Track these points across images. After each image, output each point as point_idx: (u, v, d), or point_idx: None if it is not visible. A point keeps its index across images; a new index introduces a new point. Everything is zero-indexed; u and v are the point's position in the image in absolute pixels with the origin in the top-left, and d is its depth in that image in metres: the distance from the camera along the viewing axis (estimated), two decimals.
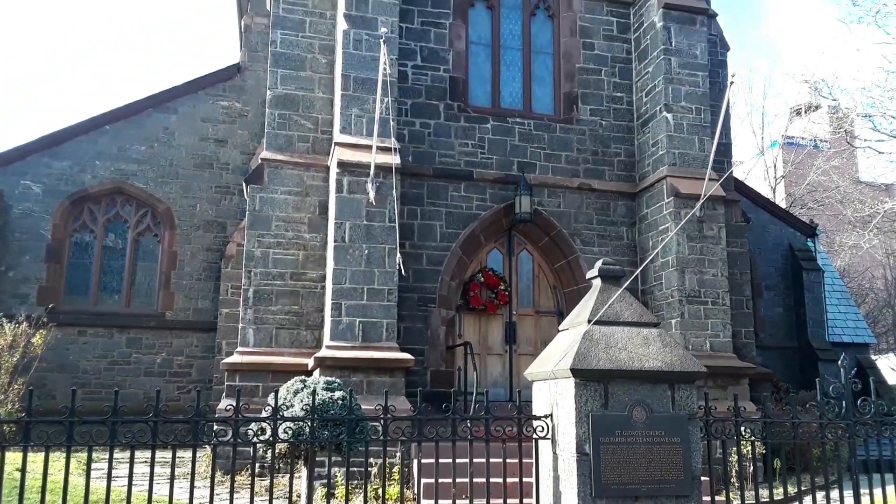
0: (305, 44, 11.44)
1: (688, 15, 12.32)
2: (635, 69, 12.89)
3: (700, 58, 12.26)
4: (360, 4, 10.84)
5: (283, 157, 11.04)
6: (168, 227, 13.79)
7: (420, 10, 12.01)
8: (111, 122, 13.67)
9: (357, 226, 10.11)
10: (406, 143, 11.40)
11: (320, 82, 11.40)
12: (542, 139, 12.30)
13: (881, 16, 13.76)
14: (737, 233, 12.74)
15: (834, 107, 20.44)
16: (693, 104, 12.05)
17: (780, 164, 30.27)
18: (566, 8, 12.86)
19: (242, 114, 14.26)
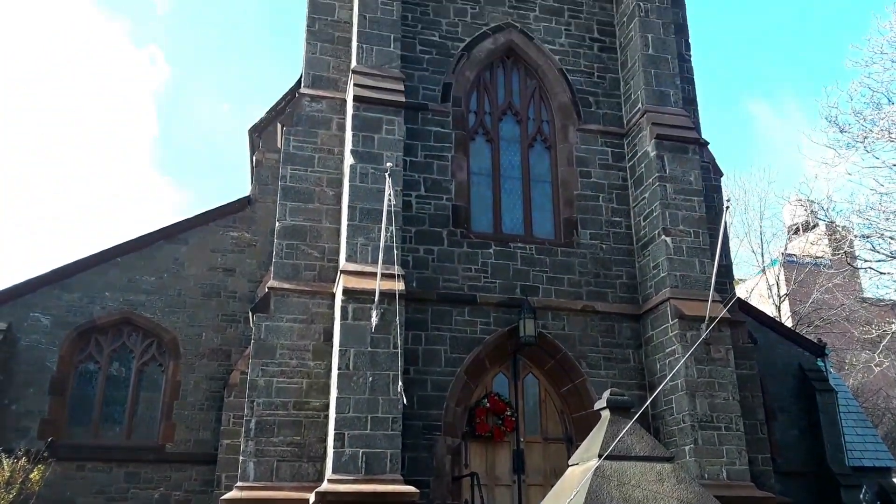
0: (314, 178, 11.92)
1: (679, 144, 12.86)
2: (632, 195, 13.30)
3: (694, 184, 12.67)
4: (366, 141, 11.40)
5: (290, 285, 11.21)
6: (173, 357, 13.78)
7: (423, 145, 12.58)
8: (122, 254, 14.02)
9: (361, 353, 10.10)
10: (410, 269, 11.60)
11: (327, 213, 11.78)
12: (545, 262, 12.51)
13: (869, 141, 14.32)
14: (745, 354, 12.63)
15: (831, 228, 20.85)
16: (691, 227, 12.33)
17: (783, 282, 30.43)
18: (562, 140, 13.47)
19: (251, 243, 14.62)
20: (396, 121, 11.68)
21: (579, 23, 14.28)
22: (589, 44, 14.23)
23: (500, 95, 13.71)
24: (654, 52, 13.57)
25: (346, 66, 12.45)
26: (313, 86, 12.46)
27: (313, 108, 12.29)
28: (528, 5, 14.09)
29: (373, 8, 12.40)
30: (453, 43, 13.40)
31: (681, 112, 13.29)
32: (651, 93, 13.26)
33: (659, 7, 13.96)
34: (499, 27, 13.76)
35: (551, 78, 13.76)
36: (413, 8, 13.29)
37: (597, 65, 14.10)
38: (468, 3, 13.73)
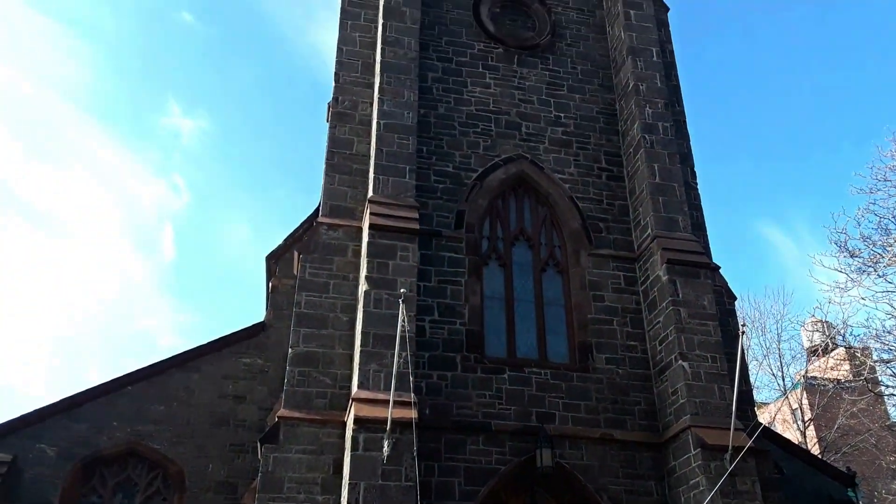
0: (328, 304, 11.99)
1: (691, 269, 12.93)
2: (646, 319, 13.23)
3: (708, 308, 12.62)
4: (381, 268, 11.56)
5: (300, 414, 11.00)
6: (178, 490, 13.28)
7: (437, 270, 12.73)
8: (133, 382, 13.87)
9: (372, 486, 9.74)
10: (423, 396, 11.39)
11: (341, 339, 11.75)
12: (560, 388, 12.27)
13: (881, 266, 14.36)
14: (772, 485, 12.05)
15: (850, 352, 20.48)
16: (708, 352, 12.15)
17: (807, 406, 29.53)
18: (574, 264, 13.61)
19: (263, 370, 14.46)
20: (411, 247, 11.90)
21: (587, 153, 14.81)
22: (597, 173, 14.68)
23: (513, 222, 14.01)
24: (661, 180, 13.95)
25: (363, 195, 12.85)
26: (331, 214, 12.81)
27: (330, 236, 12.57)
28: (538, 138, 14.68)
29: (389, 142, 12.97)
30: (466, 173, 13.88)
31: (690, 237, 13.47)
32: (660, 219, 13.50)
33: (664, 139, 14.49)
34: (510, 158, 14.28)
35: (562, 205, 14.10)
36: (428, 141, 13.87)
37: (605, 192, 14.48)
38: (481, 136, 14.34)
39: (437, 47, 15.11)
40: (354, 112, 13.98)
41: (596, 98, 15.59)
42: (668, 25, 17.33)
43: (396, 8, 14.58)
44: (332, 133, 13.69)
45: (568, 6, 16.71)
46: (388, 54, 14.00)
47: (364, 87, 14.26)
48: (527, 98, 15.07)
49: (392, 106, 13.40)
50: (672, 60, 16.78)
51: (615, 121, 15.39)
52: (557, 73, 15.60)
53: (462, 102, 14.61)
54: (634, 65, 15.28)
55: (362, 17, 15.08)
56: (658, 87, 15.16)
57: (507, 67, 15.32)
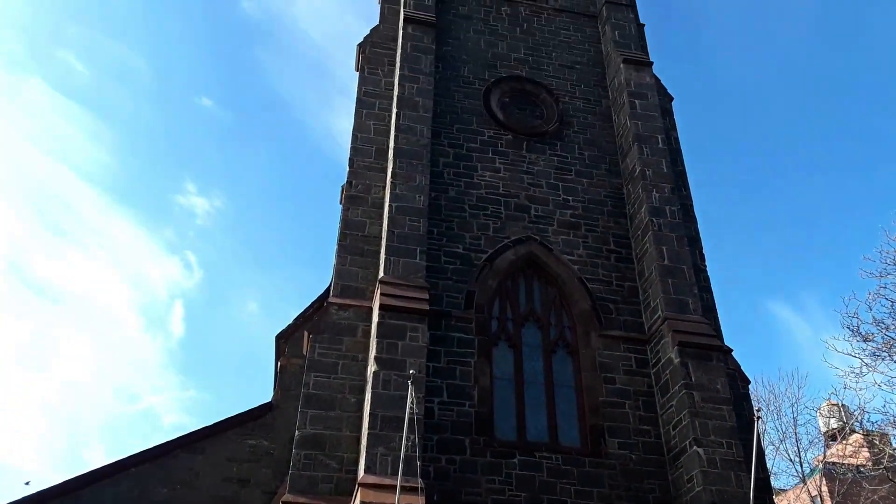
0: (337, 384, 11.93)
1: (703, 352, 12.82)
2: (659, 402, 13.03)
3: (722, 392, 12.42)
4: (390, 348, 11.56)
5: (305, 499, 10.76)
6: None
7: (446, 350, 12.69)
8: (138, 464, 13.65)
9: None
10: (431, 481, 11.11)
11: (348, 421, 11.61)
12: (572, 474, 11.97)
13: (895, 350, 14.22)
14: None
15: (868, 438, 19.97)
16: (723, 438, 11.88)
17: (826, 493, 28.47)
18: (585, 346, 13.54)
19: (269, 451, 14.23)
20: (420, 328, 11.92)
21: (596, 235, 14.99)
22: (606, 254, 14.81)
23: (522, 302, 14.05)
24: (670, 262, 14.04)
25: (374, 276, 12.99)
26: (342, 295, 12.92)
27: (340, 316, 12.64)
28: (547, 220, 14.92)
29: (401, 224, 13.21)
30: (476, 254, 14.05)
31: (701, 320, 13.43)
32: (670, 301, 13.51)
33: (671, 222, 14.67)
34: (519, 240, 14.48)
35: (571, 286, 14.16)
36: (439, 223, 14.13)
37: (615, 274, 14.56)
38: (490, 218, 14.60)
39: (449, 134, 15.60)
40: (367, 195, 14.33)
41: (603, 182, 15.91)
42: (672, 114, 17.87)
43: (410, 98, 15.16)
44: (346, 215, 13.99)
45: (574, 96, 17.30)
46: (402, 141, 14.45)
47: (377, 171, 14.67)
48: (536, 182, 15.42)
49: (404, 189, 13.73)
50: (677, 147, 17.21)
51: (623, 204, 15.66)
52: (565, 159, 16.00)
53: (472, 186, 14.96)
54: (641, 151, 15.66)
55: (377, 106, 15.69)
56: (664, 173, 15.47)
57: (517, 153, 15.74)
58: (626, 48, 17.77)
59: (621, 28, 18.32)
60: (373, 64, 16.46)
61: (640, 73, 17.16)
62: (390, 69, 16.28)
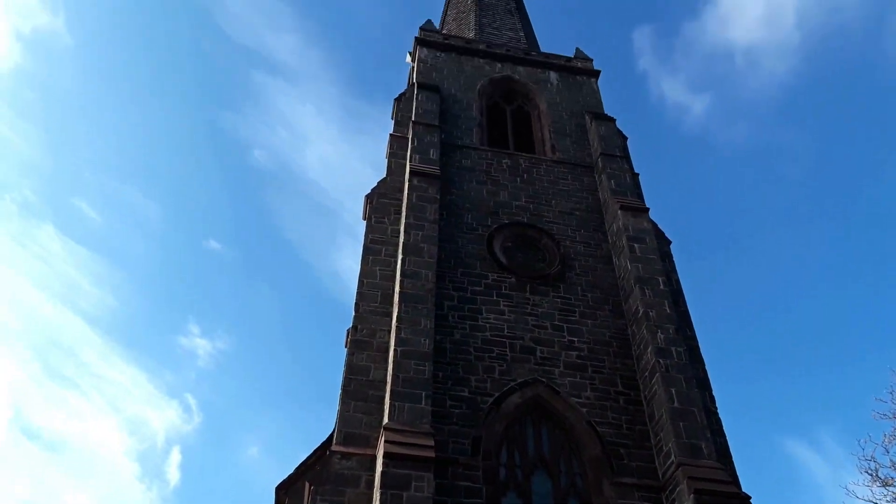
0: None
1: (721, 499, 12.24)
2: None
3: None
4: (394, 499, 11.03)
5: None
6: None
7: (453, 501, 12.16)
8: None
9: None
10: None
11: None
12: None
13: None
14: None
15: None
16: None
17: None
18: (597, 494, 12.92)
19: None
20: (426, 477, 11.53)
21: (603, 377, 14.85)
22: (615, 396, 14.59)
23: (531, 447, 13.67)
24: (680, 405, 13.76)
25: (378, 421, 12.78)
26: (345, 443, 12.65)
27: (343, 466, 12.29)
28: (553, 362, 14.86)
29: (406, 368, 13.18)
30: (482, 397, 13.87)
31: (716, 465, 12.97)
32: (682, 445, 13.11)
33: (678, 363, 14.54)
34: (526, 382, 14.34)
35: (580, 430, 13.84)
36: (444, 367, 14.08)
37: (624, 417, 14.26)
38: (496, 361, 14.56)
39: (453, 278, 15.95)
40: (372, 339, 14.41)
41: (608, 323, 16.00)
42: (671, 257, 18.27)
43: (415, 245, 15.66)
44: (350, 359, 14.01)
45: (575, 240, 17.83)
46: (407, 285, 14.75)
47: (382, 315, 14.85)
48: (540, 324, 15.52)
49: (409, 333, 13.82)
50: (678, 288, 17.44)
51: (628, 345, 15.63)
52: (569, 300, 16.21)
53: (477, 328, 15.06)
54: (643, 293, 15.87)
55: (383, 252, 16.19)
56: (667, 314, 15.57)
57: (521, 296, 15.98)
58: (622, 195, 18.53)
59: (617, 177, 19.21)
60: (380, 213, 17.16)
61: (637, 219, 17.76)
62: (396, 218, 16.94)
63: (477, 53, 23.84)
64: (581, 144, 21.07)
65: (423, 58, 23.21)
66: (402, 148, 19.09)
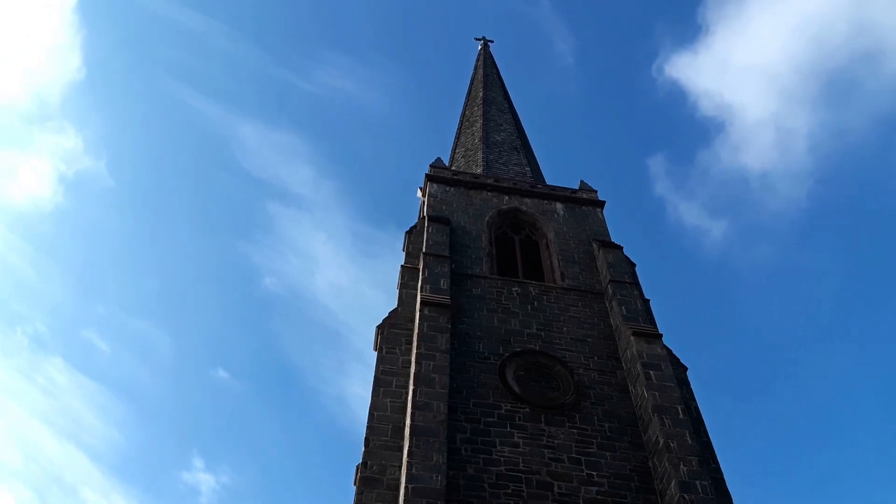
0: None
1: None
2: None
3: None
4: None
5: None
6: None
7: None
8: None
9: None
10: None
11: None
12: None
13: None
14: None
15: None
16: None
17: None
18: None
19: None
20: None
21: None
22: None
23: None
24: None
25: None
26: None
27: None
28: (572, 498, 14.10)
29: None
30: None
31: None
32: None
33: (704, 498, 13.75)
34: None
35: None
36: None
37: None
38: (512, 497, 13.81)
39: (466, 409, 15.57)
40: (383, 477, 13.89)
41: (627, 455, 15.37)
42: (688, 384, 17.85)
43: (426, 375, 15.44)
44: (359, 499, 13.44)
45: (589, 367, 17.52)
46: (418, 418, 14.38)
47: (394, 450, 14.39)
48: (557, 457, 14.93)
49: (421, 469, 13.32)
50: (699, 416, 16.89)
51: (650, 479, 14.93)
52: (585, 431, 15.68)
53: (491, 462, 14.50)
54: (662, 422, 15.36)
55: (394, 384, 15.95)
56: (689, 444, 14.98)
57: (535, 426, 15.50)
58: (634, 321, 18.40)
59: (627, 304, 19.17)
60: (390, 343, 17.07)
61: (650, 345, 17.53)
62: (407, 348, 16.82)
63: (485, 187, 24.63)
64: (590, 272, 21.23)
65: (433, 192, 23.98)
66: (412, 279, 19.30)
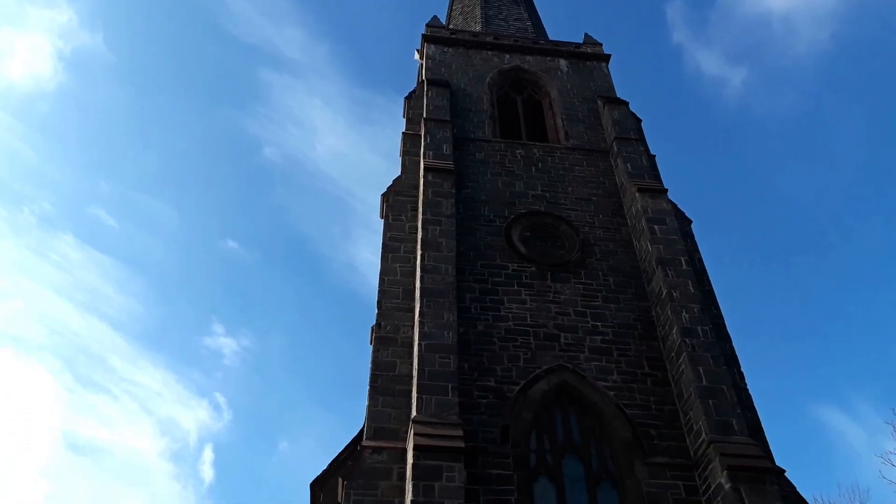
0: None
1: (755, 474, 12.20)
2: None
3: None
4: (427, 491, 11.18)
5: None
6: None
7: (485, 489, 12.28)
8: None
9: None
10: None
11: None
12: None
13: None
14: None
15: None
16: None
17: None
18: (629, 475, 12.98)
19: None
20: (457, 467, 11.64)
21: (629, 360, 14.83)
22: (642, 378, 14.56)
23: (560, 434, 13.72)
24: (709, 383, 13.69)
25: (407, 416, 12.91)
26: (375, 437, 12.81)
27: (374, 460, 12.45)
28: (578, 347, 14.87)
29: (431, 362, 13.30)
30: (509, 386, 13.94)
31: (749, 441, 12.90)
32: (713, 423, 13.04)
33: (705, 342, 14.45)
34: (551, 369, 14.38)
35: (609, 413, 13.84)
36: (469, 358, 14.17)
37: (653, 398, 14.23)
38: (520, 349, 14.62)
39: (473, 270, 16.02)
40: (396, 336, 14.55)
41: (631, 306, 15.95)
42: (692, 236, 18.14)
43: (433, 240, 15.76)
44: (376, 356, 14.16)
45: (594, 225, 17.79)
46: (428, 281, 14.86)
47: (405, 311, 14.97)
48: (563, 311, 15.52)
49: (432, 327, 13.93)
50: (702, 267, 17.32)
51: (653, 327, 15.58)
52: (590, 286, 16.19)
53: (500, 319, 15.12)
54: (665, 274, 15.79)
55: (402, 249, 16.31)
56: (692, 293, 15.48)
57: (542, 284, 16.00)
58: (639, 178, 18.44)
59: (633, 160, 19.11)
60: (396, 211, 17.29)
61: (656, 200, 17.67)
62: (413, 214, 17.05)
63: (485, 46, 23.88)
64: (595, 130, 21.00)
65: (430, 54, 23.30)
66: (415, 145, 19.21)
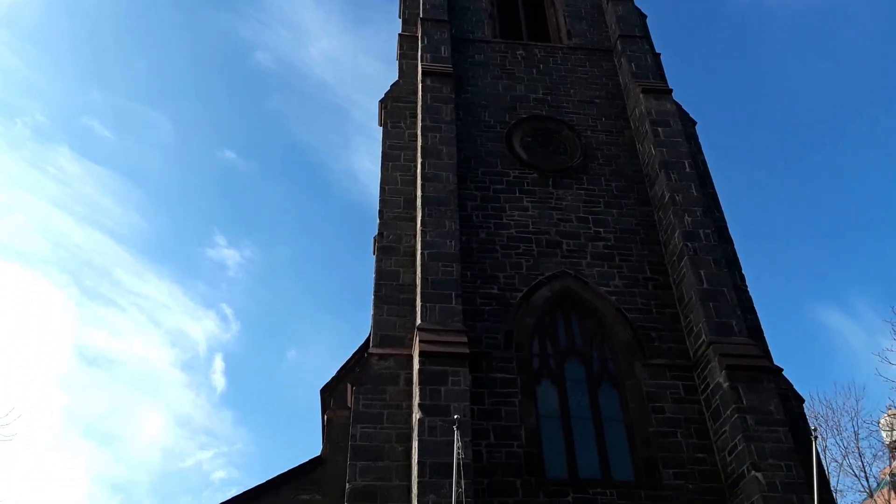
0: (383, 435, 11.98)
1: (753, 373, 12.55)
2: (711, 429, 12.74)
3: (776, 413, 12.10)
4: (433, 394, 11.61)
5: None
6: None
7: (489, 392, 12.67)
8: None
9: None
10: None
11: (397, 471, 11.62)
12: None
13: None
14: None
15: None
16: (781, 461, 11.53)
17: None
18: (629, 377, 13.36)
19: None
20: (462, 371, 11.95)
21: (631, 265, 14.93)
22: (643, 283, 14.71)
23: (562, 338, 14.00)
24: (709, 285, 13.86)
25: (412, 323, 13.12)
26: (381, 345, 13.08)
27: (381, 366, 12.76)
28: (580, 253, 14.93)
29: (434, 270, 13.38)
30: (511, 293, 14.10)
31: (748, 341, 13.18)
32: (713, 325, 13.29)
33: (706, 245, 14.51)
34: (554, 275, 14.50)
35: (610, 317, 14.08)
36: (472, 266, 14.26)
37: (654, 302, 14.43)
38: (523, 257, 14.68)
39: (475, 178, 15.86)
40: (399, 245, 14.57)
41: (633, 211, 15.91)
42: (696, 138, 17.86)
43: (434, 147, 15.50)
44: (379, 266, 14.24)
45: (596, 129, 17.46)
46: (429, 189, 14.73)
47: (407, 220, 14.93)
48: (565, 217, 15.49)
49: (435, 236, 13.94)
50: (705, 170, 17.13)
51: (655, 231, 15.59)
52: (593, 192, 16.08)
53: (502, 226, 15.11)
54: (668, 177, 15.65)
55: (402, 157, 16.07)
56: (694, 197, 15.40)
57: (543, 190, 15.88)
58: (643, 78, 17.94)
59: (637, 59, 18.53)
60: (395, 118, 16.92)
61: (660, 102, 17.27)
62: (412, 121, 16.70)
63: None
64: (598, 27, 20.25)
65: None
66: (411, 47, 18.57)
